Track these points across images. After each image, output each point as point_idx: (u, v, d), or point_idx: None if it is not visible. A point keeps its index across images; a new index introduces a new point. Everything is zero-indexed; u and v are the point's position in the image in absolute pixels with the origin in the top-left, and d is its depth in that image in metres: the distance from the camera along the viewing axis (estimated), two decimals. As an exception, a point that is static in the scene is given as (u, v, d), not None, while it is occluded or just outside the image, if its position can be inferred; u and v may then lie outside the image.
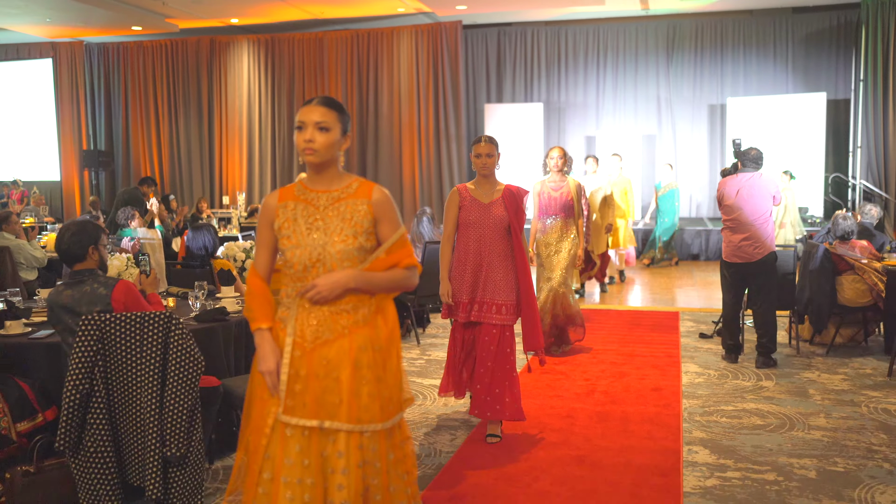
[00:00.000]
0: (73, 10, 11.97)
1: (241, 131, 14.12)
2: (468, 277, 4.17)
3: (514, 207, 4.18)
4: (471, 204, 4.23)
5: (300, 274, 2.39)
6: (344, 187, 2.44)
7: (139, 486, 3.26)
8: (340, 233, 2.37)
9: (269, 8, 12.41)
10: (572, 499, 3.43)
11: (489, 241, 4.16)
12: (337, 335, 2.35)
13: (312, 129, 2.35)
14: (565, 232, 5.89)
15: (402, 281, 2.43)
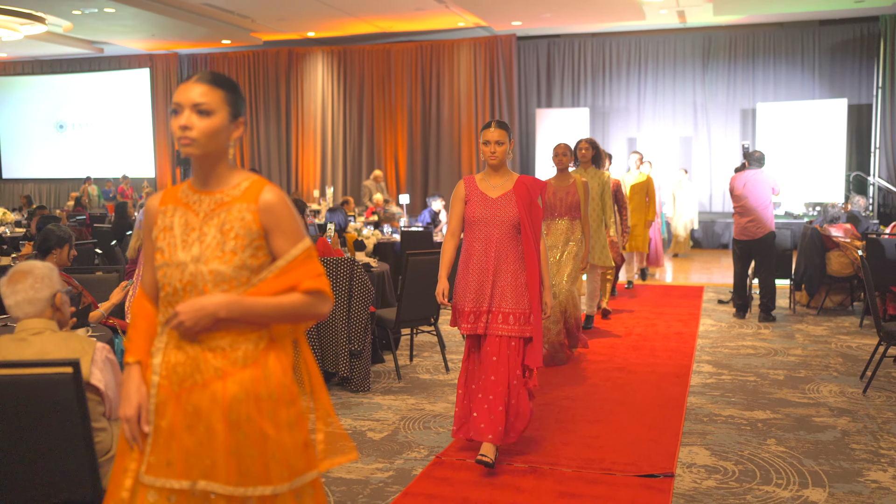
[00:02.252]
0: (175, 28, 14.11)
1: (316, 133, 16.15)
2: (472, 283, 3.81)
3: (527, 202, 3.79)
4: (477, 198, 3.85)
5: (171, 298, 1.94)
6: (230, 188, 1.97)
7: (332, 371, 5.18)
8: (217, 247, 1.92)
9: (343, 23, 14.38)
10: (614, 389, 5.26)
11: (496, 241, 3.78)
12: (209, 378, 1.90)
13: (190, 113, 1.90)
14: (571, 233, 5.70)
15: (299, 309, 1.93)
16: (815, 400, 4.94)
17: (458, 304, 3.88)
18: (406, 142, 15.67)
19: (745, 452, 4.04)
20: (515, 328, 3.78)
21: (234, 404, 1.89)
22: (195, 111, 1.91)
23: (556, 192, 5.72)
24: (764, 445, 4.13)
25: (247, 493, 1.89)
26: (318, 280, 1.95)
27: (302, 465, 1.96)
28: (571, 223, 5.72)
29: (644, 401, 4.95)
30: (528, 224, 3.77)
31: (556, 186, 5.73)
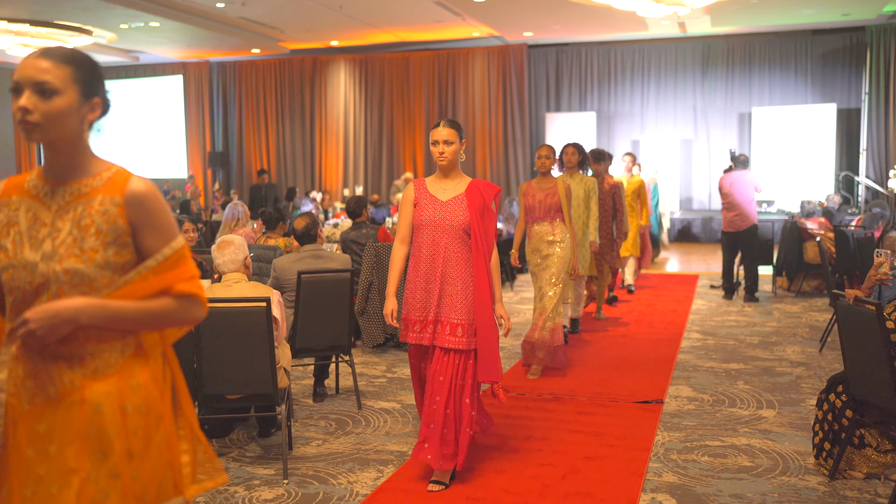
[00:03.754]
0: (209, 38, 15.47)
1: (338, 136, 17.51)
2: (419, 291, 3.67)
3: (479, 207, 3.65)
4: (427, 201, 3.70)
5: (20, 304, 1.75)
6: (89, 178, 1.77)
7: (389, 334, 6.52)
8: (74, 244, 1.73)
9: (364, 32, 15.73)
10: (618, 349, 6.58)
11: (444, 247, 3.63)
12: (64, 392, 1.72)
13: (30, 93, 1.69)
14: (552, 235, 5.67)
15: (171, 314, 1.77)
16: (779, 357, 6.29)
17: (404, 312, 3.71)
18: (423, 145, 17.01)
19: (719, 389, 5.38)
20: (463, 340, 3.61)
21: (93, 420, 1.71)
22: (37, 91, 1.69)
23: (536, 195, 5.72)
24: (734, 385, 5.47)
25: None
26: (191, 283, 1.79)
27: (169, 488, 1.80)
28: (552, 225, 5.68)
29: (642, 357, 6.30)
30: (478, 229, 3.62)
31: (536, 188, 5.74)
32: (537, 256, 5.75)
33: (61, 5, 12.37)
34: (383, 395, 5.31)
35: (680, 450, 4.25)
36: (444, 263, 3.66)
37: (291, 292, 4.79)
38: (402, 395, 5.29)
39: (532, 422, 4.70)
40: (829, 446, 3.83)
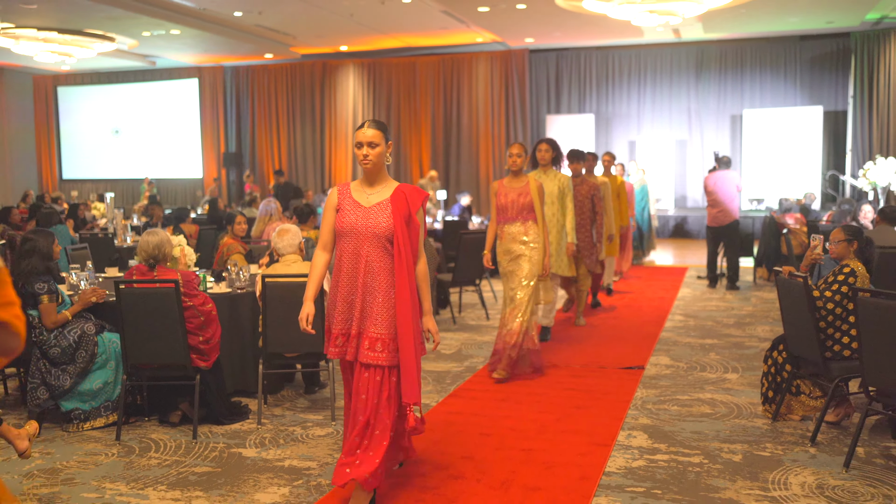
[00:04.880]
0: (224, 44, 16.44)
1: (347, 138, 18.49)
2: (340, 302, 3.55)
3: (404, 213, 3.49)
4: (350, 206, 3.55)
5: None
6: None
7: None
8: None
9: (372, 38, 16.69)
10: (608, 329, 7.54)
11: (366, 255, 3.49)
12: None
13: None
14: (525, 235, 5.65)
15: None
16: (750, 334, 7.26)
17: (326, 324, 3.64)
18: (430, 146, 18.00)
19: (693, 359, 6.35)
20: (383, 356, 3.47)
21: None
22: None
23: (509, 194, 5.68)
24: (707, 356, 6.44)
25: None
26: (5, 310, 1.62)
27: None
28: (524, 226, 5.67)
29: (629, 333, 7.28)
30: (401, 237, 3.46)
31: (508, 188, 5.71)
32: (508, 257, 5.72)
33: (90, 15, 13.34)
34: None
35: (654, 402, 5.22)
36: (366, 273, 3.50)
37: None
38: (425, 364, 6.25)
39: (532, 381, 5.67)
40: (772, 395, 4.81)
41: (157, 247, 4.71)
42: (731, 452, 4.29)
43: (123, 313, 4.59)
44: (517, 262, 5.68)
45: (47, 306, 4.73)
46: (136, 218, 11.72)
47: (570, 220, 6.40)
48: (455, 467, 4.11)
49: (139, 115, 19.70)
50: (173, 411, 4.82)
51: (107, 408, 4.81)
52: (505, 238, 5.75)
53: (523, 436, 4.58)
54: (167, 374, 4.72)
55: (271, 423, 4.86)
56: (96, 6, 12.54)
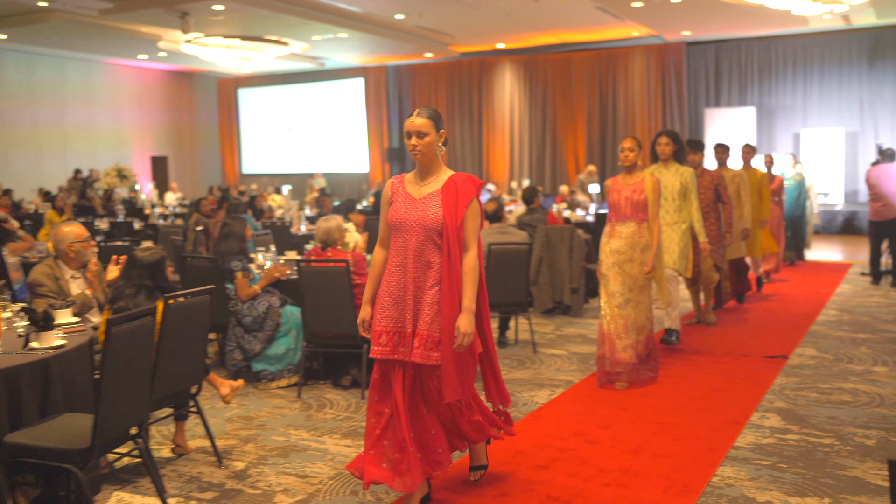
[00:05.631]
0: (387, 45, 17.42)
1: (504, 133, 19.07)
2: (387, 298, 3.43)
3: (454, 204, 3.34)
4: (401, 199, 3.44)
5: None
6: None
7: (557, 301, 7.90)
8: None
9: (528, 35, 17.13)
10: (757, 318, 7.63)
11: (414, 249, 3.36)
12: None
13: None
14: (640, 237, 5.30)
15: None
16: (907, 330, 7.15)
17: (373, 322, 3.46)
18: (585, 140, 18.24)
19: (841, 352, 6.39)
20: (435, 354, 3.33)
21: None
22: None
23: (622, 191, 5.36)
24: (857, 349, 6.46)
25: None
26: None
27: None
28: (639, 226, 5.33)
29: (777, 324, 7.36)
30: (451, 230, 3.31)
31: (621, 184, 5.39)
32: (618, 258, 5.33)
33: (267, 22, 14.61)
34: (553, 346, 6.74)
35: (793, 388, 5.39)
36: (415, 268, 3.36)
37: (484, 259, 6.30)
38: (569, 346, 6.68)
39: (672, 365, 5.96)
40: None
41: (327, 232, 5.43)
42: (866, 437, 4.44)
43: (303, 289, 5.32)
44: (629, 264, 5.31)
45: (241, 281, 5.56)
46: (308, 209, 12.77)
47: (697, 217, 6.12)
48: (592, 434, 4.53)
49: (310, 114, 21.17)
50: (344, 376, 5.52)
51: (289, 370, 5.59)
52: (615, 237, 5.37)
53: (658, 411, 4.91)
54: (340, 343, 5.41)
55: (428, 391, 5.46)
56: (274, 15, 13.75)
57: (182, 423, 4.41)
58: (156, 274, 4.40)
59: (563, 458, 4.19)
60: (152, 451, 4.04)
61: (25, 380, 3.40)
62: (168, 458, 4.34)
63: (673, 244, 6.15)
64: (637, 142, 5.38)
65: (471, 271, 3.37)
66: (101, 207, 14.23)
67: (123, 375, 3.31)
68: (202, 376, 4.33)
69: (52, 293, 4.58)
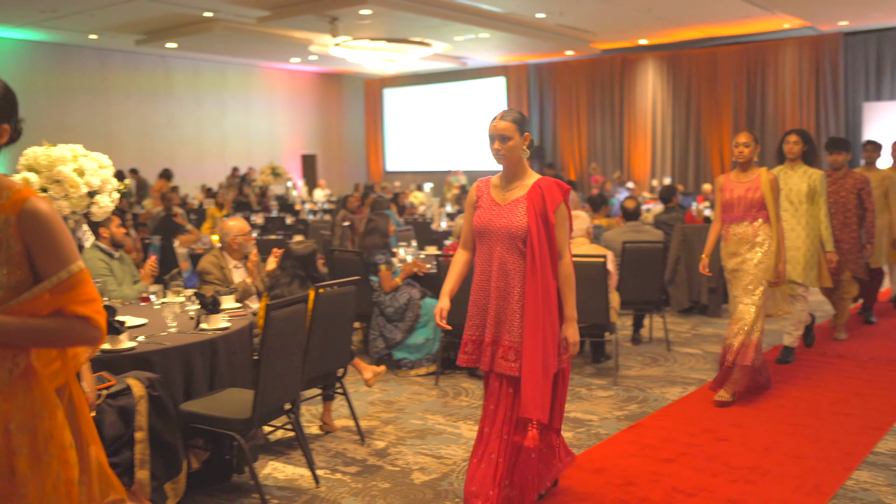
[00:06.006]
0: (527, 44, 17.57)
1: (646, 130, 18.82)
2: (472, 306, 3.42)
3: (540, 211, 3.23)
4: (486, 203, 3.38)
5: None
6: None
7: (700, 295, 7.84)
8: None
9: (671, 31, 16.80)
10: (911, 327, 7.30)
11: (499, 257, 3.29)
12: None
13: None
14: (756, 239, 4.96)
15: (63, 333, 1.80)
16: None
17: (464, 330, 3.46)
18: (730, 138, 17.70)
19: None
20: (516, 365, 3.25)
21: None
22: None
23: (735, 189, 5.04)
24: None
25: None
26: (87, 306, 1.83)
27: None
28: (753, 226, 4.99)
29: (932, 333, 7.01)
30: (536, 237, 3.20)
31: (734, 182, 5.06)
32: (734, 261, 5.05)
33: (411, 25, 15.10)
34: (688, 344, 6.73)
35: (944, 396, 5.18)
36: (499, 276, 3.29)
37: (618, 257, 6.39)
38: (705, 345, 6.66)
39: (812, 367, 5.83)
40: None
41: None
42: None
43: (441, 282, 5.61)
44: (744, 267, 4.99)
45: (385, 274, 5.92)
46: (448, 206, 13.16)
47: (826, 224, 5.68)
48: (723, 431, 4.56)
49: (452, 112, 21.65)
50: (479, 366, 5.77)
51: (428, 359, 5.90)
52: (730, 239, 5.07)
53: (794, 412, 4.86)
54: (475, 335, 5.66)
55: (560, 384, 5.62)
56: (418, 17, 14.21)
57: (329, 403, 4.79)
58: (308, 265, 4.81)
59: (691, 452, 4.26)
60: (303, 427, 4.43)
61: (197, 356, 3.84)
62: (316, 434, 4.73)
63: (798, 253, 5.70)
64: (753, 136, 5.03)
65: (568, 279, 3.30)
66: (257, 203, 15.20)
67: (279, 355, 3.68)
68: (348, 360, 4.70)
69: (217, 281, 5.08)
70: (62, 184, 3.89)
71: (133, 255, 7.32)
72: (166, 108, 18.44)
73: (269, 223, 11.33)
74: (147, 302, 4.74)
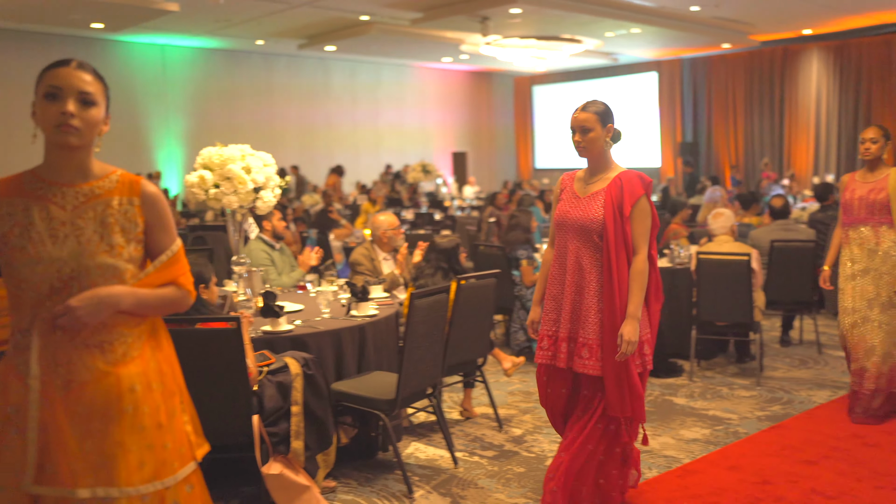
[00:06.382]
0: (681, 38, 17.17)
1: (808, 125, 17.95)
2: (548, 300, 3.35)
3: (616, 204, 3.15)
4: (568, 196, 3.33)
5: (43, 298, 1.92)
6: (99, 181, 1.99)
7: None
8: (100, 241, 1.95)
9: (840, 19, 15.92)
10: None
11: (575, 251, 3.23)
12: (98, 374, 1.95)
13: (73, 100, 1.91)
14: (878, 245, 4.52)
15: (175, 301, 2.08)
16: None
17: (540, 326, 3.38)
18: (905, 131, 16.59)
19: None
20: (590, 363, 3.18)
21: (130, 399, 1.96)
22: (79, 100, 1.92)
23: (857, 190, 4.61)
24: None
25: (147, 489, 1.96)
26: (187, 277, 2.10)
27: (187, 454, 2.10)
28: (876, 231, 4.54)
29: None
30: (612, 232, 3.12)
31: (858, 182, 4.63)
32: (852, 269, 4.62)
33: (562, 22, 15.14)
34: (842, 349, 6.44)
35: None
36: (574, 270, 3.22)
37: (765, 256, 6.25)
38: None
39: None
40: None
41: None
42: None
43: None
44: (865, 276, 4.56)
45: (526, 268, 6.09)
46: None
47: None
48: (872, 437, 4.42)
49: (601, 109, 21.46)
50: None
51: (566, 353, 6.01)
52: (851, 243, 4.64)
53: (953, 422, 4.62)
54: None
55: (701, 382, 5.60)
56: (569, 14, 14.24)
57: (469, 390, 5.01)
58: (451, 258, 5.05)
59: (834, 456, 4.17)
60: (444, 412, 4.68)
61: (347, 340, 4.16)
62: (456, 419, 4.97)
63: None
64: (883, 131, 4.55)
65: (638, 275, 3.14)
66: (408, 200, 15.74)
67: (421, 342, 3.93)
68: (488, 350, 4.90)
69: (368, 271, 5.42)
70: (232, 180, 4.32)
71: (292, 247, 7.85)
72: (325, 107, 19.38)
73: (419, 219, 11.74)
74: (303, 290, 5.14)
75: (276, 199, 4.56)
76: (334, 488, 3.91)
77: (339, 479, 4.00)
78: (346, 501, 3.80)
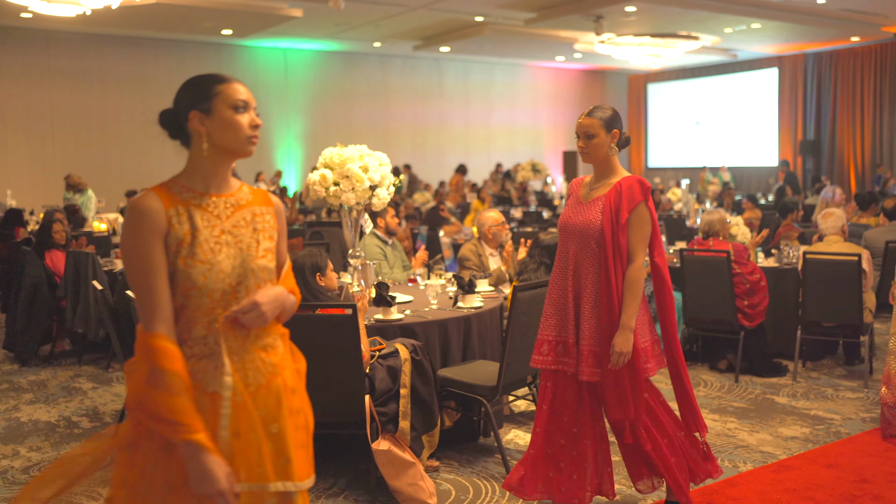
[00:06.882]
0: (806, 32, 16.66)
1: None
2: (549, 305, 3.36)
3: (615, 210, 3.17)
4: (572, 201, 3.38)
5: (216, 304, 1.99)
6: (237, 192, 2.09)
7: None
8: (256, 246, 2.06)
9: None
10: None
11: (574, 256, 3.26)
12: (269, 377, 2.04)
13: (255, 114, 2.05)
14: None
15: (294, 307, 2.17)
16: None
17: (538, 331, 3.41)
18: None
19: None
20: (593, 371, 3.21)
21: (290, 399, 2.05)
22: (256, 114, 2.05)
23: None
24: None
25: (306, 485, 2.04)
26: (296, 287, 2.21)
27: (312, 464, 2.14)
28: None
29: None
30: (608, 238, 3.14)
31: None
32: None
33: (678, 19, 15.00)
34: None
35: None
36: (574, 276, 3.26)
37: (879, 257, 6.16)
38: None
39: None
40: None
41: (710, 223, 5.83)
42: None
43: (685, 276, 5.80)
44: None
45: (629, 266, 6.22)
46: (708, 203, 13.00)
47: None
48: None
49: (718, 107, 21.03)
50: (720, 360, 5.89)
51: (669, 350, 6.11)
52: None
53: None
54: (718, 328, 5.79)
55: (805, 382, 5.60)
56: (685, 11, 14.11)
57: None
58: (554, 254, 5.24)
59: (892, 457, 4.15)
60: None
61: (453, 330, 4.45)
62: (557, 410, 5.17)
63: None
64: None
65: (632, 284, 3.14)
66: (517, 198, 15.96)
67: (523, 332, 4.16)
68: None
69: (475, 267, 5.71)
70: (350, 179, 4.67)
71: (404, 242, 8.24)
72: (438, 107, 19.84)
73: (527, 217, 11.95)
74: (413, 283, 5.48)
75: (390, 196, 4.88)
76: (437, 468, 4.20)
77: (441, 460, 4.29)
78: (448, 480, 4.08)
